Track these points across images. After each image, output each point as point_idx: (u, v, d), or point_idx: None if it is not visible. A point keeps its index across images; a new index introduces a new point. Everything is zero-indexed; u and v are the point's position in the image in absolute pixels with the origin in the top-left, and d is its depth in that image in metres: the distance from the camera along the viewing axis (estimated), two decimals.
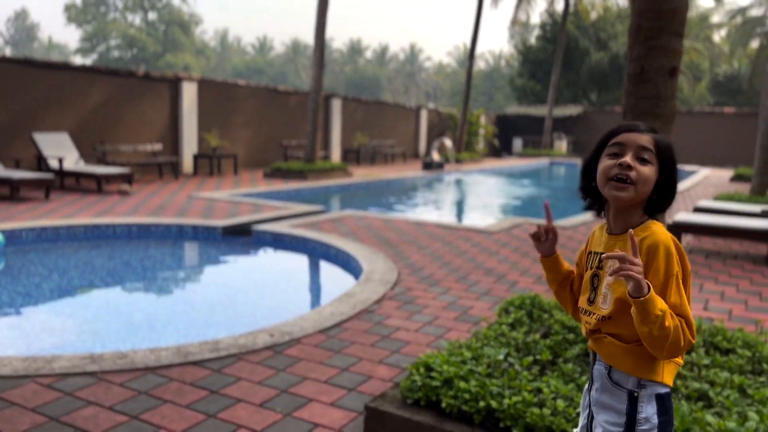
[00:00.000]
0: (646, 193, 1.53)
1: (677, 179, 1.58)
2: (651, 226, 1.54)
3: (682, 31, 3.01)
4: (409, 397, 2.91)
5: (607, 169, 1.54)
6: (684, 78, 37.59)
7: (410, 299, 5.12)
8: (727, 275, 6.36)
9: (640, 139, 1.54)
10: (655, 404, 1.53)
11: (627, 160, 1.51)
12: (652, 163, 1.53)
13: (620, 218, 1.58)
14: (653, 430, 1.52)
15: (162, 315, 5.29)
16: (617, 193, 1.52)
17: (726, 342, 3.46)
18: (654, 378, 1.53)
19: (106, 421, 2.95)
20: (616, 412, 1.55)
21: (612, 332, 1.57)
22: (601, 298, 1.59)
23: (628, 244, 1.47)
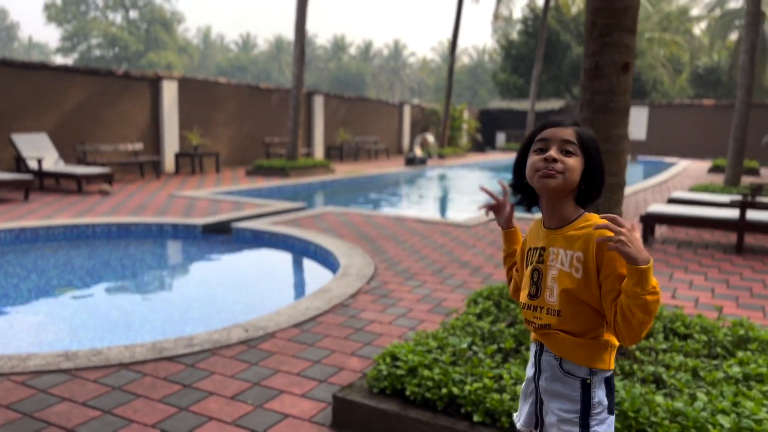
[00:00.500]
0: (574, 182, 1.59)
1: (603, 170, 1.65)
2: (589, 218, 1.61)
3: (635, 28, 3.11)
4: (375, 387, 2.99)
5: (534, 163, 1.61)
6: (665, 71, 38.01)
7: (385, 293, 5.21)
8: (697, 264, 6.51)
9: (563, 133, 1.61)
10: (604, 387, 1.62)
11: (552, 154, 1.58)
12: (576, 154, 1.60)
13: (555, 212, 1.64)
14: (605, 410, 1.61)
15: (140, 313, 5.33)
16: (546, 180, 1.58)
17: (684, 327, 3.58)
18: (603, 366, 1.61)
19: (79, 416, 3.01)
20: (570, 399, 1.61)
21: (563, 328, 1.61)
22: (547, 292, 1.63)
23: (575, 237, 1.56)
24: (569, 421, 1.60)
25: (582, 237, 1.57)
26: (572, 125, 1.64)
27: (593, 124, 3.15)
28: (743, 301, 5.19)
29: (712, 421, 2.43)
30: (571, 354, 1.61)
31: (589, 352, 1.60)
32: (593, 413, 1.59)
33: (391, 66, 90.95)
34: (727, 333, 3.48)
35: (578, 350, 1.60)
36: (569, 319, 1.59)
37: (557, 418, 1.63)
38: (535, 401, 1.72)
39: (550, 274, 1.63)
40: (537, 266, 1.67)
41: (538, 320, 1.65)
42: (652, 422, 2.44)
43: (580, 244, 1.58)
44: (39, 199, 10.01)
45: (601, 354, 1.60)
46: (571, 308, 1.59)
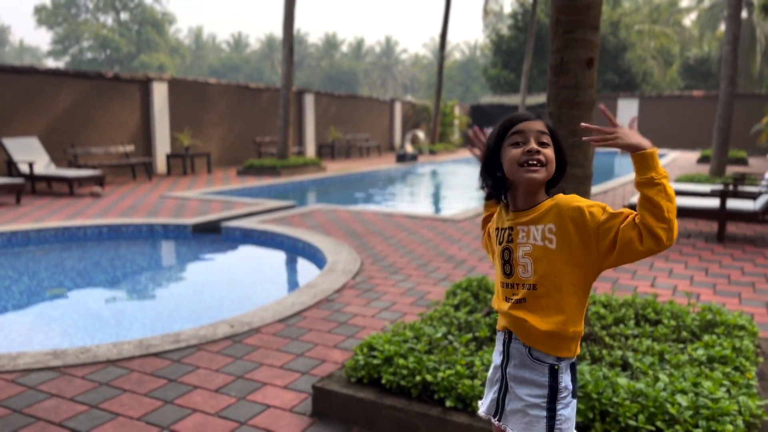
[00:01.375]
0: (552, 172, 1.70)
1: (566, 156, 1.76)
2: (557, 198, 1.68)
3: (598, 24, 3.21)
4: (352, 376, 3.10)
5: (516, 156, 1.67)
6: (655, 63, 38.14)
7: (370, 287, 5.31)
8: (678, 253, 6.63)
9: (536, 125, 1.69)
10: (569, 372, 1.71)
11: (534, 146, 1.67)
12: (550, 144, 1.70)
13: (529, 198, 1.71)
14: (569, 394, 1.71)
15: (129, 312, 5.43)
16: (533, 175, 1.66)
17: (654, 313, 3.69)
18: (569, 355, 1.69)
19: (66, 411, 3.10)
20: (538, 385, 1.69)
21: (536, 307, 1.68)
22: (521, 268, 1.70)
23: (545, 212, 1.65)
24: (536, 405, 1.68)
25: (552, 209, 1.64)
26: (539, 118, 1.73)
27: (560, 119, 3.25)
28: (720, 288, 5.31)
29: (671, 400, 2.54)
30: (539, 343, 1.68)
31: (557, 342, 1.67)
32: (559, 397, 1.68)
33: (384, 63, 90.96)
34: (695, 318, 3.59)
35: (546, 339, 1.67)
36: (544, 293, 1.66)
37: (524, 404, 1.70)
38: (500, 389, 1.79)
39: (521, 251, 1.69)
40: (507, 245, 1.73)
41: (515, 296, 1.72)
42: (614, 403, 2.55)
43: (551, 217, 1.64)
44: (31, 203, 10.08)
45: (568, 344, 1.68)
46: (547, 281, 1.65)
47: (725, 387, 2.71)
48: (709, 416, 2.46)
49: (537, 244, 1.65)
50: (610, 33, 34.50)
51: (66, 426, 2.95)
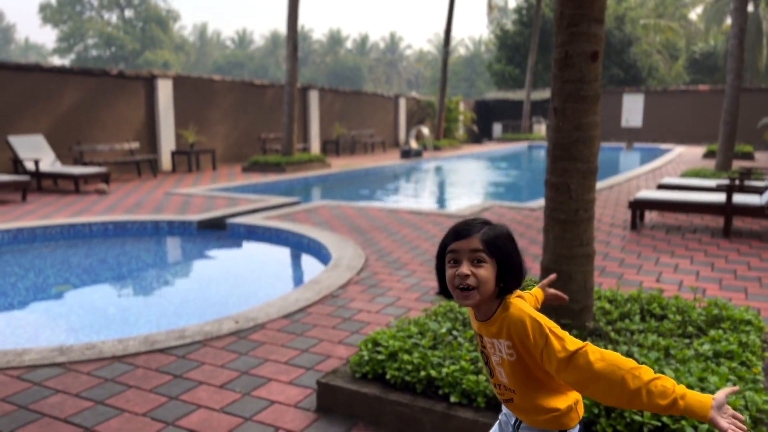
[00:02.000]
0: (489, 291, 1.64)
1: (518, 261, 1.68)
2: (507, 307, 1.66)
3: (602, 18, 3.19)
4: (357, 371, 3.10)
5: (450, 279, 1.66)
6: (660, 57, 37.95)
7: (375, 283, 5.31)
8: (684, 248, 6.60)
9: (470, 244, 1.64)
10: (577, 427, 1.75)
11: (464, 270, 1.62)
12: (486, 261, 1.64)
13: (479, 312, 1.71)
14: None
15: (135, 308, 5.44)
16: (464, 302, 1.65)
17: (660, 309, 3.67)
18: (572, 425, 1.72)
19: (72, 407, 3.11)
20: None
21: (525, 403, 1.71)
22: (497, 372, 1.74)
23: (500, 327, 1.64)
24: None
25: (504, 327, 1.64)
26: (479, 230, 1.67)
27: (564, 113, 3.24)
28: (726, 283, 5.29)
29: None
30: (539, 424, 1.72)
31: (555, 421, 1.71)
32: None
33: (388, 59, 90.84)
34: (701, 313, 3.57)
35: (545, 421, 1.71)
36: (526, 395, 1.70)
37: None
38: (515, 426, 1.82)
39: (493, 359, 1.73)
40: (482, 350, 1.77)
41: (503, 396, 1.76)
42: None
43: (504, 334, 1.65)
44: (37, 200, 10.12)
45: (567, 417, 1.71)
46: (523, 385, 1.69)
47: (731, 382, 2.70)
48: None
49: (503, 356, 1.68)
50: (615, 27, 34.35)
51: (71, 422, 2.96)
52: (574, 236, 3.35)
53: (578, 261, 3.37)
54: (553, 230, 3.41)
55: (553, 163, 3.34)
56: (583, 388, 1.56)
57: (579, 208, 3.32)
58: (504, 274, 1.65)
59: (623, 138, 29.08)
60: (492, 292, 1.65)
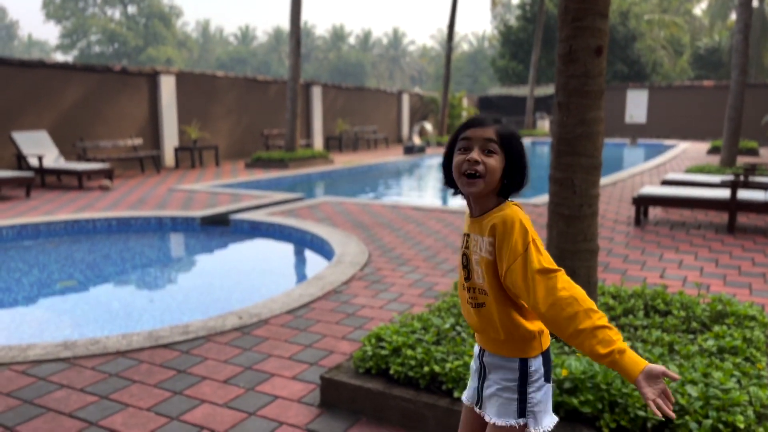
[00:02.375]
0: (495, 182, 1.68)
1: (525, 164, 1.71)
2: (503, 208, 1.69)
3: (607, 12, 3.17)
4: (360, 367, 3.10)
5: (458, 164, 1.69)
6: (665, 53, 37.83)
7: (378, 279, 5.31)
8: (688, 244, 6.58)
9: (484, 132, 1.68)
10: (541, 358, 1.76)
11: (474, 156, 1.66)
12: (497, 153, 1.66)
13: (477, 206, 1.73)
14: (541, 378, 1.75)
15: (139, 304, 5.45)
16: (468, 189, 1.69)
17: (664, 304, 3.67)
18: (534, 354, 1.74)
19: (77, 401, 3.12)
20: (509, 369, 1.75)
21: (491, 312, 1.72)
22: (475, 274, 1.75)
23: (489, 224, 1.66)
24: (509, 388, 1.74)
25: (495, 224, 1.66)
26: (494, 123, 1.70)
27: (569, 108, 3.23)
28: (731, 279, 5.28)
29: (680, 390, 2.52)
30: (500, 350, 1.75)
31: (516, 346, 1.73)
32: (530, 381, 1.73)
33: (391, 55, 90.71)
34: (705, 309, 3.57)
35: (505, 346, 1.74)
36: (497, 299, 1.71)
37: (497, 387, 1.76)
38: (479, 377, 1.85)
39: (473, 258, 1.75)
40: (464, 251, 1.79)
41: (474, 300, 1.77)
42: (623, 393, 2.54)
43: (491, 231, 1.67)
44: (40, 196, 10.14)
45: (529, 344, 1.73)
46: (493, 289, 1.71)
47: (736, 377, 2.69)
48: (719, 406, 2.44)
49: (482, 255, 1.70)
50: (620, 23, 34.23)
51: (76, 416, 2.96)
52: (578, 231, 3.34)
53: (582, 256, 3.36)
54: (557, 225, 3.40)
55: (557, 158, 3.33)
56: (539, 308, 1.58)
57: (583, 203, 3.31)
58: (511, 170, 1.68)
59: (627, 134, 29.00)
60: (495, 187, 1.68)
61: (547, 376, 1.76)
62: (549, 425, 1.75)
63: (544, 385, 1.75)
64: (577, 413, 2.59)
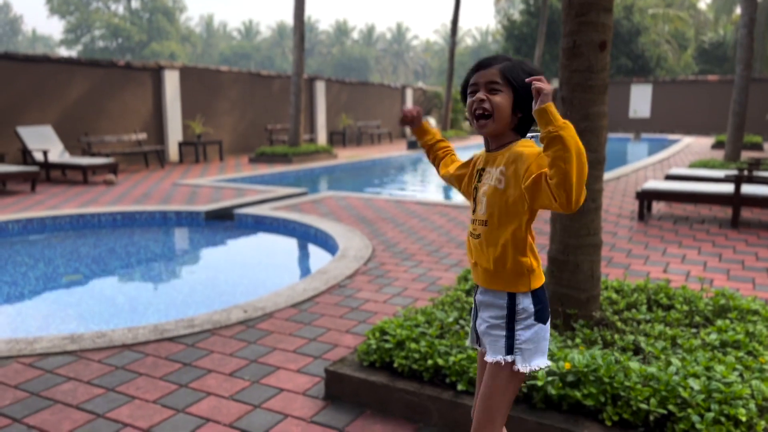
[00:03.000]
0: (505, 118, 1.74)
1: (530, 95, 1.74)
2: (520, 144, 1.76)
3: (611, 7, 3.17)
4: (365, 360, 3.12)
5: (469, 106, 1.79)
6: (669, 47, 37.68)
7: (382, 273, 5.33)
8: (691, 239, 6.59)
9: (488, 75, 1.76)
10: (531, 297, 1.79)
11: (479, 96, 1.75)
12: (502, 90, 1.74)
13: (494, 141, 1.83)
14: (531, 316, 1.79)
15: (144, 297, 5.49)
16: (480, 130, 1.79)
17: (667, 299, 3.68)
18: (524, 289, 1.78)
19: (84, 394, 3.15)
20: (498, 307, 1.81)
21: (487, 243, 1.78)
22: (479, 206, 1.82)
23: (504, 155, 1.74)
24: (497, 326, 1.81)
25: (506, 154, 1.75)
26: (500, 63, 1.77)
27: (572, 102, 3.23)
28: (734, 274, 5.28)
29: (683, 384, 2.53)
30: (490, 284, 1.81)
31: (505, 280, 1.78)
32: (518, 318, 1.78)
33: (395, 49, 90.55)
34: (708, 303, 3.58)
35: (495, 279, 1.79)
36: (493, 230, 1.77)
37: (488, 325, 1.82)
38: (474, 317, 1.93)
39: (481, 190, 1.82)
40: (476, 185, 1.87)
41: (474, 231, 1.85)
42: (625, 386, 2.56)
43: (503, 159, 1.76)
44: (45, 191, 10.18)
45: (518, 279, 1.77)
46: (493, 218, 1.77)
47: (738, 371, 2.71)
48: (722, 400, 2.46)
49: (491, 184, 1.78)
50: (624, 17, 34.10)
51: (83, 408, 2.99)
52: (581, 226, 3.35)
53: (585, 250, 3.37)
54: (561, 220, 3.41)
55: None
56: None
57: (586, 197, 3.32)
58: (521, 101, 1.73)
59: (631, 129, 28.94)
60: (508, 121, 1.75)
61: (537, 316, 1.79)
62: (538, 365, 1.80)
63: (535, 325, 1.79)
64: (579, 406, 2.61)
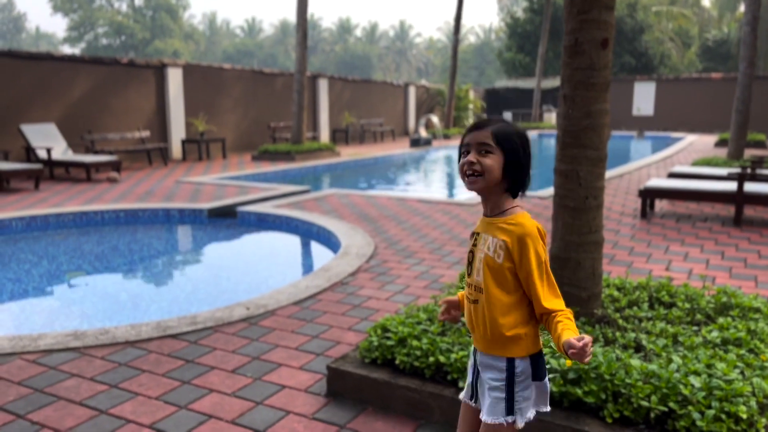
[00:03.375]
0: (495, 180, 1.77)
1: (524, 161, 1.79)
2: (518, 218, 1.79)
3: (613, 4, 3.17)
4: (367, 357, 3.13)
5: (460, 168, 1.81)
6: (673, 45, 37.57)
7: (384, 270, 5.34)
8: (694, 237, 6.58)
9: (479, 136, 1.78)
10: (529, 360, 1.84)
11: (469, 158, 1.77)
12: (493, 152, 1.77)
13: (488, 202, 1.85)
14: (528, 378, 1.84)
15: (147, 295, 5.51)
16: (470, 187, 1.81)
17: (668, 296, 3.68)
18: (521, 355, 1.82)
19: (87, 390, 3.17)
20: (498, 369, 1.85)
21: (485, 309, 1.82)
22: (476, 271, 1.86)
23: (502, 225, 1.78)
24: (498, 388, 1.85)
25: (509, 232, 1.78)
26: (493, 125, 1.80)
27: (574, 100, 3.24)
28: (736, 272, 5.28)
29: (684, 381, 2.54)
30: (489, 350, 1.85)
31: (503, 347, 1.83)
32: (517, 381, 1.83)
33: (398, 47, 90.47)
34: (710, 301, 3.58)
35: (493, 345, 1.84)
36: (490, 299, 1.81)
37: (488, 386, 1.87)
38: (473, 374, 1.97)
39: (478, 257, 1.85)
40: (472, 249, 1.90)
41: (471, 296, 1.89)
42: (626, 384, 2.56)
43: (505, 236, 1.78)
44: (49, 188, 10.21)
45: (515, 345, 1.82)
46: (491, 288, 1.81)
47: (739, 369, 2.71)
48: (722, 397, 2.46)
49: (488, 254, 1.81)
50: (627, 15, 34.02)
51: (86, 405, 3.01)
52: (582, 223, 3.36)
53: (587, 248, 3.38)
54: (562, 217, 3.41)
55: (563, 150, 3.35)
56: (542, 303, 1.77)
57: (588, 195, 3.33)
58: (511, 167, 1.77)
59: (634, 126, 28.88)
60: (498, 183, 1.78)
61: (535, 375, 1.84)
62: (531, 416, 1.86)
63: (531, 384, 1.84)
64: (580, 403, 2.62)
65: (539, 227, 1.78)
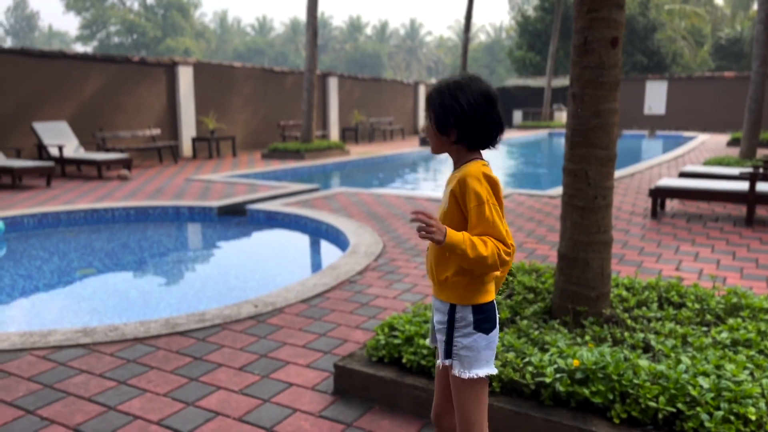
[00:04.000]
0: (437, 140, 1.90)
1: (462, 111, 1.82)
2: (466, 166, 1.86)
3: (623, 3, 3.15)
4: (374, 355, 3.13)
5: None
6: (685, 43, 37.31)
7: (392, 269, 5.34)
8: (705, 237, 6.53)
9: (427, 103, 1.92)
10: (471, 308, 1.89)
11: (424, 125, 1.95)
12: (430, 115, 1.91)
13: (454, 162, 1.96)
14: (469, 325, 1.90)
15: (156, 292, 5.53)
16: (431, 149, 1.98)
17: (678, 297, 3.65)
18: (466, 302, 1.89)
19: (96, 386, 3.19)
20: (442, 312, 1.95)
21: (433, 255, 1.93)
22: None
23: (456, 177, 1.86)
24: (440, 330, 1.96)
25: (454, 179, 1.87)
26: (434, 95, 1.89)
27: (583, 99, 3.22)
28: (748, 272, 5.24)
29: (692, 382, 2.52)
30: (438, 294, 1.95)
31: (448, 292, 1.91)
32: (456, 326, 1.91)
33: (408, 45, 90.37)
34: (720, 301, 3.55)
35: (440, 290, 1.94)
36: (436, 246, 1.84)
37: (436, 329, 1.99)
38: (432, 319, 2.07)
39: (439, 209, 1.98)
40: None
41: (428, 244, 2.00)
42: (634, 384, 2.55)
43: (452, 184, 1.87)
44: (61, 186, 10.28)
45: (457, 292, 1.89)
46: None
47: (749, 370, 2.69)
48: (731, 398, 2.44)
49: (442, 205, 1.94)
50: (639, 13, 33.80)
51: (95, 401, 3.03)
52: (591, 223, 3.34)
53: (596, 248, 3.36)
54: (571, 217, 3.40)
55: (572, 150, 3.33)
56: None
57: (597, 194, 3.31)
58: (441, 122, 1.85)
59: (646, 125, 28.71)
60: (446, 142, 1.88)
61: (477, 325, 1.89)
62: (479, 374, 1.90)
63: (474, 333, 1.89)
64: (588, 403, 2.60)
65: (489, 173, 1.84)
